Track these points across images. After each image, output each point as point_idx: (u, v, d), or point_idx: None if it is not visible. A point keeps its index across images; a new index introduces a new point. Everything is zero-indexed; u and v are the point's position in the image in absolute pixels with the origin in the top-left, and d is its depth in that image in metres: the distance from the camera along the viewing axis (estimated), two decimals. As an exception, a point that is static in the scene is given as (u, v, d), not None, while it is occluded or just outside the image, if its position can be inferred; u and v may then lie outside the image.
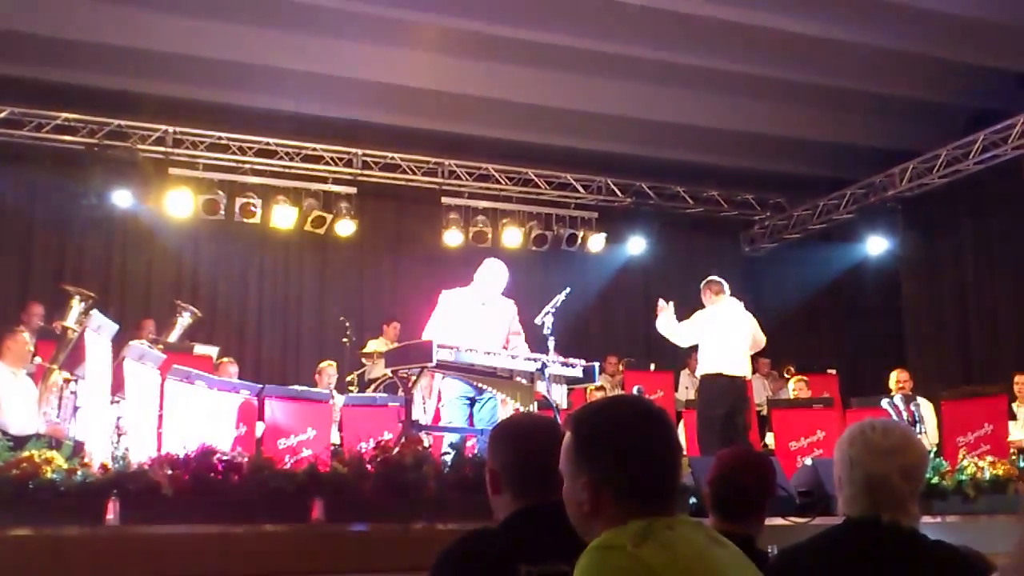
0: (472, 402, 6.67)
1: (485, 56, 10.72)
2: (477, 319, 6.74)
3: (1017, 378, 9.62)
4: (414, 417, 6.29)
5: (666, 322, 8.38)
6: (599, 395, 8.62)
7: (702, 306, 8.40)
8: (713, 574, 1.71)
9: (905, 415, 8.71)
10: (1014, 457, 7.25)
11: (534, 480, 2.22)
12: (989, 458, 6.60)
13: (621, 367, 11.69)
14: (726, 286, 8.40)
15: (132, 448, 5.22)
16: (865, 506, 2.48)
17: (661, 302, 8.45)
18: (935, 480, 6.05)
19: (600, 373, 11.37)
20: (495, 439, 2.38)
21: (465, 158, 12.60)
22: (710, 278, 8.50)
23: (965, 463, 6.41)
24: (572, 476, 1.86)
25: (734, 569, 1.78)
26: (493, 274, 6.93)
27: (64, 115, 10.86)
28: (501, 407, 6.77)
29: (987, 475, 6.23)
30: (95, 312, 6.67)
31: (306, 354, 11.99)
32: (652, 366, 11.47)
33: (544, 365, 6.39)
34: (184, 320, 10.22)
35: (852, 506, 2.52)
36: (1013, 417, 9.03)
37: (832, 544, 2.52)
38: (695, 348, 8.50)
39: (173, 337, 10.01)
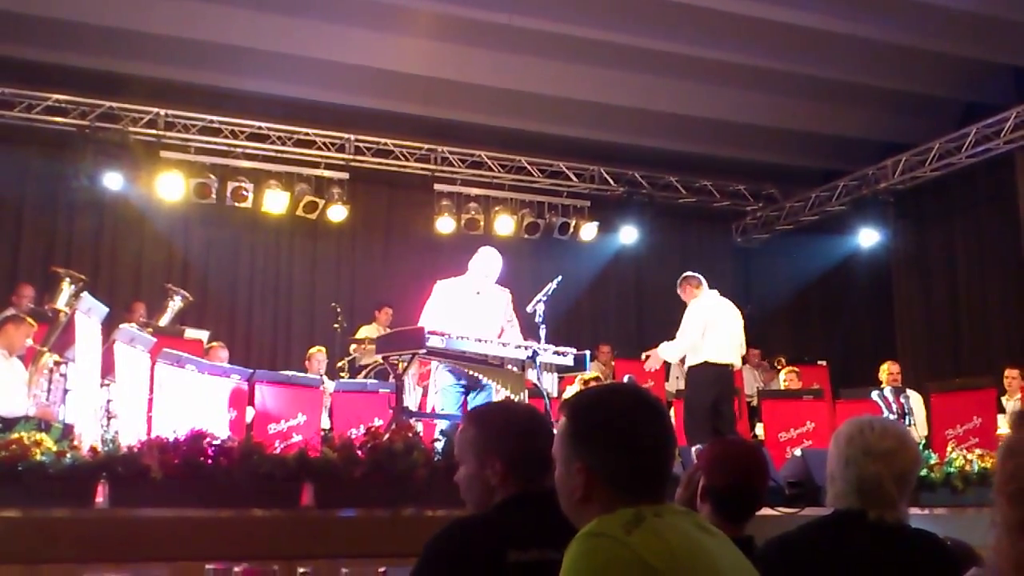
0: (466, 390, 6.66)
1: (479, 43, 10.69)
2: (472, 308, 6.72)
3: (1007, 371, 9.66)
4: (405, 404, 6.28)
5: (665, 351, 8.36)
6: (594, 384, 8.59)
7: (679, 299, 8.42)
8: (703, 561, 1.72)
9: (895, 407, 8.75)
10: (1002, 450, 7.27)
11: (522, 468, 2.23)
12: (978, 451, 6.64)
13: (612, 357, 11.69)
14: (703, 279, 8.40)
15: (122, 431, 5.21)
16: (853, 503, 2.51)
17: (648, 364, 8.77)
18: (924, 472, 6.07)
19: (592, 361, 11.41)
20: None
21: (458, 145, 12.57)
22: (686, 274, 8.47)
23: (954, 456, 6.43)
24: (566, 461, 1.87)
25: (723, 556, 1.79)
26: (488, 263, 6.90)
27: (55, 96, 10.79)
28: (495, 397, 6.76)
29: (975, 468, 6.26)
30: (85, 295, 6.66)
31: (297, 339, 11.98)
32: (643, 355, 11.46)
33: (535, 353, 6.38)
34: (175, 304, 10.20)
35: (840, 501, 2.55)
36: (1002, 410, 9.07)
37: (819, 535, 2.55)
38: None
39: (164, 321, 9.99)
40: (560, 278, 6.89)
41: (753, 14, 9.88)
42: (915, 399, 9.15)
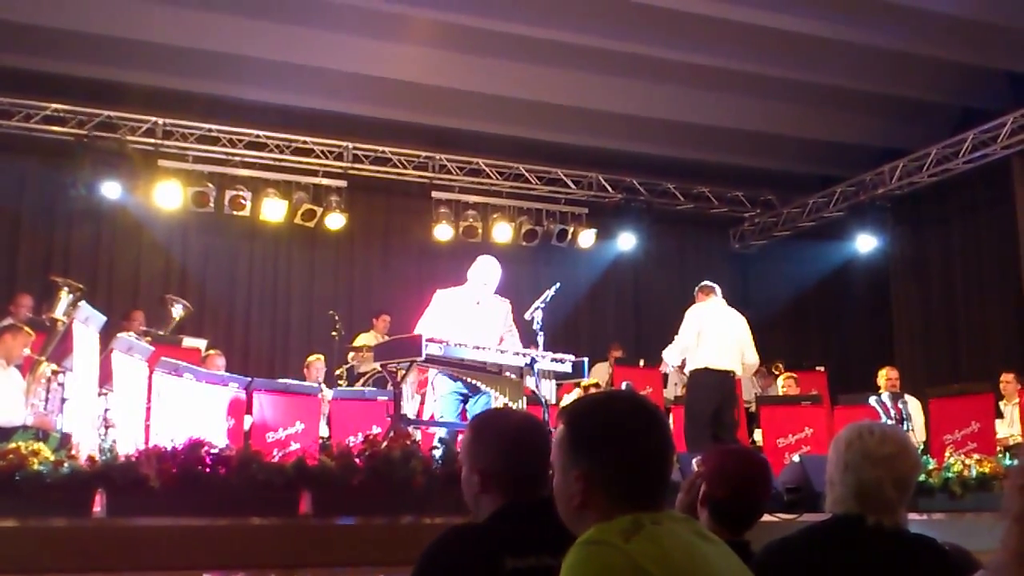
0: (465, 398, 6.65)
1: (477, 51, 10.70)
2: (472, 318, 6.70)
3: (1004, 376, 9.66)
4: (403, 411, 6.28)
5: (668, 355, 8.43)
6: (593, 391, 8.57)
7: (690, 306, 8.43)
8: (701, 569, 1.71)
9: (893, 413, 8.74)
10: (1000, 455, 7.29)
11: (504, 478, 2.24)
12: (976, 456, 6.65)
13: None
14: (717, 289, 8.44)
15: (119, 440, 5.21)
16: (852, 508, 2.50)
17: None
18: (922, 478, 6.07)
19: (603, 362, 11.42)
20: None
21: (456, 152, 12.58)
22: (703, 283, 8.55)
23: (952, 461, 6.44)
24: (564, 469, 1.86)
25: (722, 563, 1.79)
26: (486, 271, 6.87)
27: (53, 106, 10.79)
28: (494, 404, 6.75)
29: (973, 473, 6.26)
30: (83, 304, 6.65)
31: (295, 348, 11.96)
32: (641, 362, 11.48)
33: (533, 360, 6.38)
34: (176, 312, 10.18)
35: (839, 506, 2.54)
36: (1000, 415, 9.07)
37: (817, 540, 2.55)
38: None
39: (164, 330, 9.97)
40: (558, 285, 6.89)
41: (750, 21, 9.89)
42: (913, 404, 9.14)
